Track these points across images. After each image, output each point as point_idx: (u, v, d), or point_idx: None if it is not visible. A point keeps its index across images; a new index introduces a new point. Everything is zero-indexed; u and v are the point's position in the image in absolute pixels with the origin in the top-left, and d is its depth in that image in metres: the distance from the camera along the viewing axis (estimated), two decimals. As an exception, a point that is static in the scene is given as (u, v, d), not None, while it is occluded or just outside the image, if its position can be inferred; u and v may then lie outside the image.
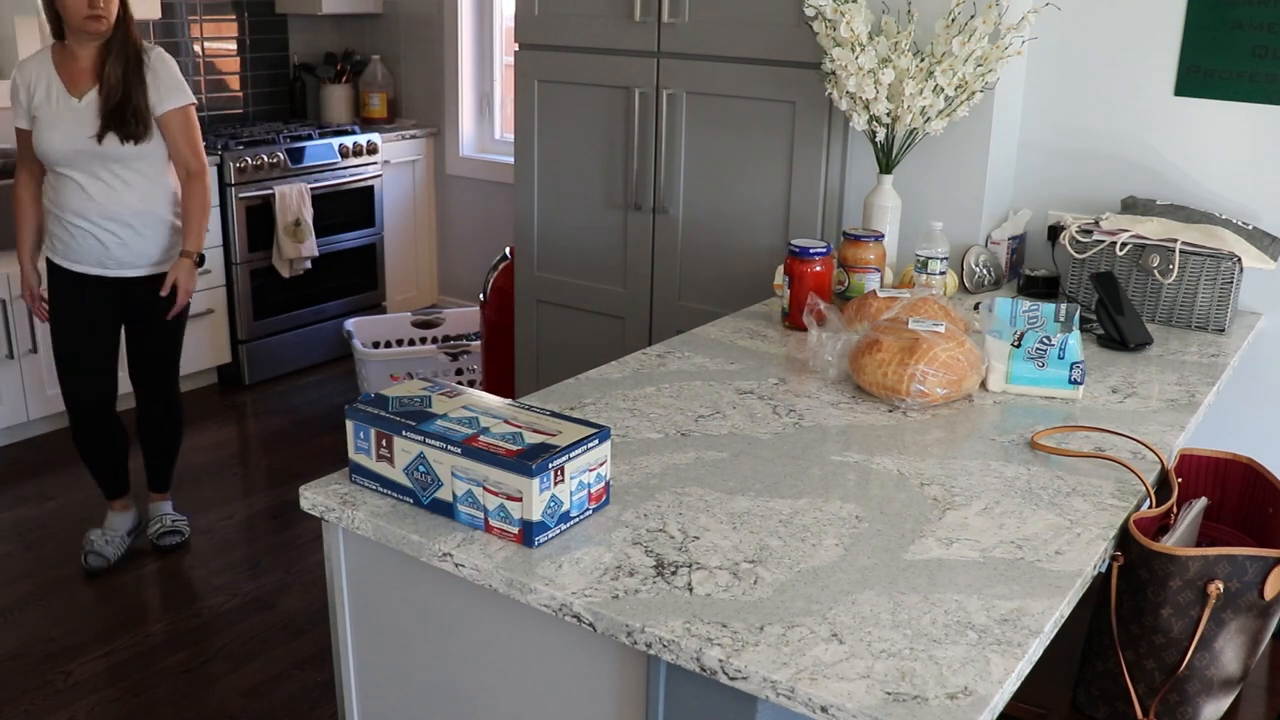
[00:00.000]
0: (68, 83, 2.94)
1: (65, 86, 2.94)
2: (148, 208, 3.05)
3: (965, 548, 1.46)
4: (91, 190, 2.98)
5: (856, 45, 2.55)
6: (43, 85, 2.94)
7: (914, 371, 1.92)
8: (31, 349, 4.01)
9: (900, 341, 1.96)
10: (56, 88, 2.94)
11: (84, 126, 2.93)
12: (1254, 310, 2.65)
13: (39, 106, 2.94)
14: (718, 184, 3.08)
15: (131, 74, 2.94)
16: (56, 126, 2.93)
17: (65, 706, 2.67)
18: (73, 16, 2.85)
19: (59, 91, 2.94)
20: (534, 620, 1.38)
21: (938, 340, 1.95)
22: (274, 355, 4.87)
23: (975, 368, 1.99)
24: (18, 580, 3.23)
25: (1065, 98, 2.83)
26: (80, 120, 2.93)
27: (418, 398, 1.57)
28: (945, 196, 2.81)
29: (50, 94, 2.94)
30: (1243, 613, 1.62)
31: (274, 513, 3.68)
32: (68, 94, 2.94)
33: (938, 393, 1.94)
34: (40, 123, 2.94)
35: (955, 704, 1.14)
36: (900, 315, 2.06)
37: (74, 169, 2.96)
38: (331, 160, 4.85)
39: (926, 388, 1.93)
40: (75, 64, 2.95)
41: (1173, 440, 1.87)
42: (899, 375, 1.93)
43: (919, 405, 1.95)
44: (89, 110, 2.93)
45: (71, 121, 2.93)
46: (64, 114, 2.93)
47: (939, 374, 1.93)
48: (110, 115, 2.92)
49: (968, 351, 1.98)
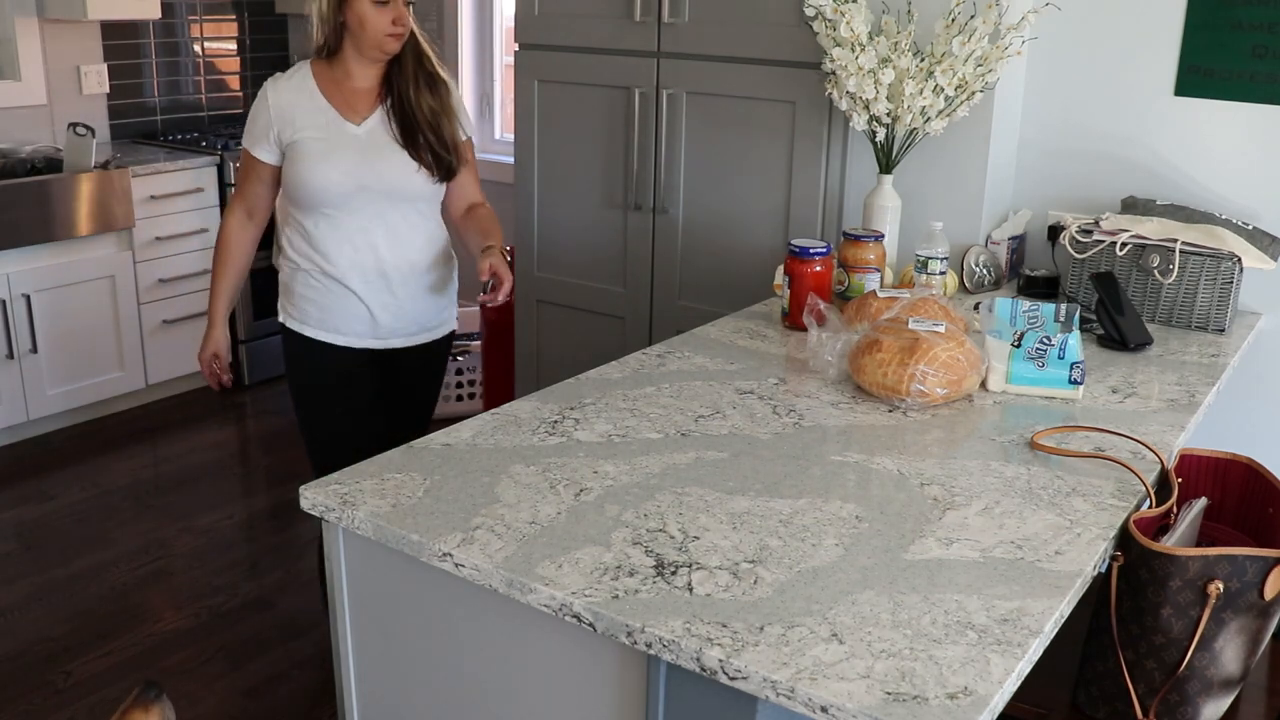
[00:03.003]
0: (342, 107, 2.37)
1: (339, 111, 2.37)
2: (431, 259, 2.49)
3: (965, 548, 1.46)
4: (373, 238, 2.40)
5: (856, 45, 2.55)
6: (305, 110, 2.36)
7: (914, 371, 1.92)
8: (32, 349, 4.01)
9: (900, 341, 1.96)
10: (327, 113, 2.36)
11: (370, 158, 2.36)
12: (1254, 310, 2.64)
13: (302, 136, 2.35)
14: (718, 184, 3.07)
15: (434, 96, 2.43)
16: (333, 160, 2.33)
17: (65, 706, 2.67)
18: (372, 33, 2.30)
19: (331, 117, 2.36)
20: (534, 620, 1.38)
21: (938, 340, 1.95)
22: (274, 355, 4.86)
23: (975, 368, 1.99)
24: (18, 580, 3.23)
25: (1065, 98, 2.83)
26: (365, 151, 2.36)
27: None
28: (945, 196, 2.81)
29: (318, 120, 2.36)
30: (1243, 613, 1.62)
31: (274, 513, 3.68)
32: (343, 120, 2.36)
33: (938, 393, 1.94)
34: (306, 155, 2.34)
35: (955, 704, 1.14)
36: (900, 315, 2.06)
37: (348, 211, 2.38)
38: (331, 160, 4.84)
39: (926, 388, 1.93)
40: (349, 84, 2.38)
41: (1173, 440, 1.87)
42: (899, 375, 1.93)
43: (919, 405, 1.95)
44: (374, 139, 2.37)
45: (354, 153, 2.35)
46: (342, 144, 2.35)
47: (939, 374, 1.93)
48: (416, 144, 2.38)
49: (968, 351, 1.98)
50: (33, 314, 3.99)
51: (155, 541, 3.45)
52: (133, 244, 4.24)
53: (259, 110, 2.40)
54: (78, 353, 4.16)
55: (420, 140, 2.38)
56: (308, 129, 2.36)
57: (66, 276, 4.07)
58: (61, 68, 4.45)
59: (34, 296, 3.98)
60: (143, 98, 4.80)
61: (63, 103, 4.47)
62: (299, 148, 2.36)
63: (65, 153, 4.09)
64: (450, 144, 2.43)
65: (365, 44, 2.32)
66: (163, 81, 4.87)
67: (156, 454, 4.13)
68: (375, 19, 2.29)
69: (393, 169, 2.38)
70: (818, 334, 2.10)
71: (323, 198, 2.37)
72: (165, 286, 4.38)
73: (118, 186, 4.10)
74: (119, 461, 4.03)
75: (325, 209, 2.39)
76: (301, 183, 2.36)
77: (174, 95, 4.93)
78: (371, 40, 2.31)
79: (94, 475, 3.90)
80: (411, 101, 2.39)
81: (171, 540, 3.46)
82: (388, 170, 2.38)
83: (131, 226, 4.20)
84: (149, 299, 4.34)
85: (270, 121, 2.38)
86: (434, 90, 2.43)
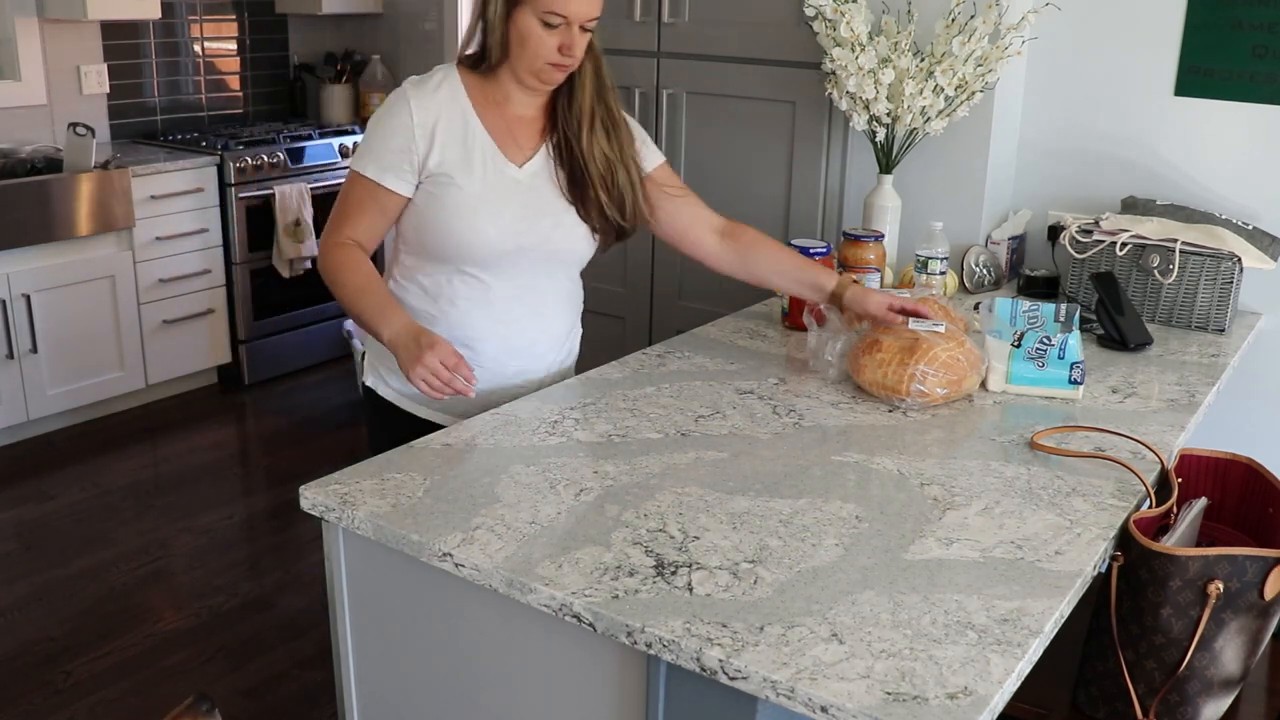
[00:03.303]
0: (501, 138, 1.91)
1: (497, 143, 1.90)
2: (567, 329, 2.09)
3: (965, 548, 1.46)
4: (521, 309, 1.97)
5: (856, 45, 2.55)
6: (456, 134, 1.88)
7: (914, 371, 1.92)
8: (32, 349, 4.01)
9: (900, 341, 1.96)
10: (484, 146, 1.89)
11: (534, 212, 1.92)
12: (1254, 310, 2.64)
13: (450, 170, 1.87)
14: (718, 184, 3.07)
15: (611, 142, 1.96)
16: (491, 209, 1.89)
17: (65, 706, 2.67)
18: (531, 57, 1.84)
19: (488, 150, 1.90)
20: (534, 620, 1.38)
21: (938, 340, 1.95)
22: (274, 355, 4.87)
23: (975, 368, 1.99)
24: (18, 580, 3.23)
25: (1065, 98, 2.83)
26: (528, 203, 1.92)
27: None
28: (945, 196, 2.81)
29: (472, 152, 1.88)
30: (1243, 613, 1.62)
31: (274, 513, 3.68)
32: (503, 156, 1.91)
33: (938, 393, 1.94)
34: (455, 198, 1.87)
35: (955, 704, 1.14)
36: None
37: (496, 274, 1.93)
38: (331, 160, 4.84)
39: (926, 388, 1.93)
40: (508, 110, 1.92)
41: (1173, 440, 1.87)
42: (899, 375, 1.93)
43: (919, 405, 1.95)
44: (536, 186, 1.93)
45: (516, 203, 1.91)
46: (501, 189, 1.90)
47: (939, 374, 1.93)
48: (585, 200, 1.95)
49: (968, 351, 1.98)
50: (33, 314, 3.99)
51: (155, 541, 3.45)
52: (133, 244, 4.24)
53: (395, 126, 1.87)
54: (78, 353, 4.16)
55: (590, 196, 1.93)
56: (458, 161, 1.87)
57: (66, 276, 4.07)
58: (61, 68, 4.45)
59: (34, 296, 3.98)
60: (143, 98, 4.80)
61: (63, 103, 4.47)
62: (445, 186, 1.87)
63: (65, 153, 4.09)
64: (624, 204, 1.97)
65: (520, 67, 1.86)
66: (163, 81, 4.87)
67: (156, 454, 4.13)
68: (539, 40, 1.82)
69: (561, 230, 1.95)
70: (818, 334, 2.10)
71: (468, 254, 1.90)
72: (165, 286, 4.38)
73: (118, 186, 4.10)
74: (119, 461, 4.03)
75: (467, 267, 1.92)
76: (445, 232, 1.88)
77: (174, 95, 4.93)
78: (528, 64, 1.85)
79: (94, 475, 3.90)
80: (583, 150, 1.92)
81: (171, 540, 3.46)
82: (555, 231, 1.94)
83: (131, 226, 4.20)
84: (149, 299, 4.34)
85: (412, 142, 1.86)
86: (611, 135, 1.96)
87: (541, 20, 1.80)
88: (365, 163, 1.88)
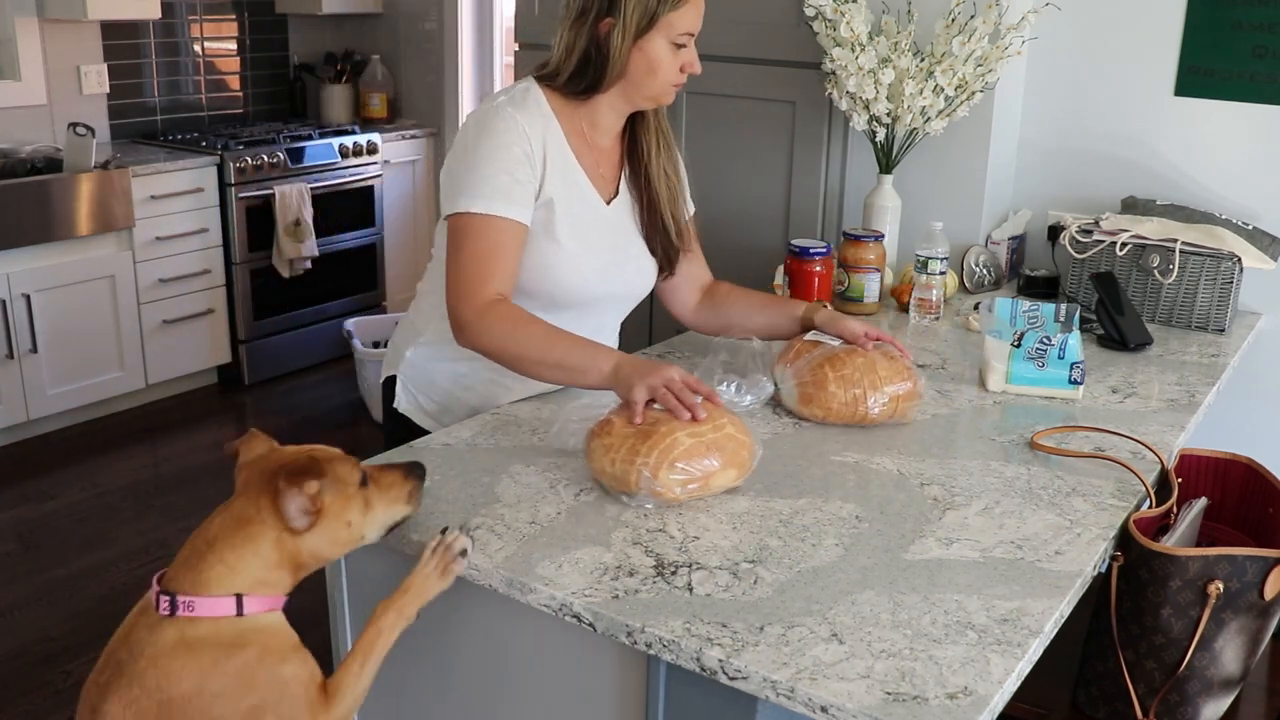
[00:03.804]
0: (591, 171, 1.81)
1: (589, 177, 1.80)
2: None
3: (965, 548, 1.46)
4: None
5: (856, 45, 2.55)
6: (559, 168, 1.76)
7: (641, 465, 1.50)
8: (32, 349, 4.01)
9: (632, 427, 1.53)
10: (580, 182, 1.79)
11: (621, 253, 1.86)
12: (1254, 310, 2.64)
13: (555, 206, 1.75)
14: (718, 184, 3.07)
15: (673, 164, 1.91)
16: (590, 250, 1.79)
17: (65, 706, 2.67)
18: (660, 84, 1.76)
19: (584, 188, 1.79)
20: (534, 620, 1.38)
21: (677, 427, 1.52)
22: (274, 355, 4.87)
23: (738, 462, 1.55)
24: (18, 580, 3.23)
25: (1065, 98, 2.83)
26: (616, 242, 1.84)
27: None
28: (945, 196, 2.81)
29: (570, 185, 1.77)
30: (1243, 613, 1.62)
31: (274, 513, 3.68)
32: (596, 194, 1.81)
33: (675, 492, 1.51)
34: (556, 234, 1.76)
35: (955, 704, 1.14)
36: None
37: (575, 316, 1.82)
38: (331, 160, 4.84)
39: (661, 485, 1.49)
40: (593, 140, 1.82)
41: (1173, 440, 1.87)
42: (627, 467, 1.50)
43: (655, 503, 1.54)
44: (621, 223, 1.85)
45: (608, 243, 1.83)
46: (597, 230, 1.81)
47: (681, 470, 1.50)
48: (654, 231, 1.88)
49: (724, 439, 1.54)
50: (33, 314, 3.99)
51: (155, 541, 3.45)
52: (133, 244, 4.24)
53: (517, 155, 1.70)
54: (78, 353, 4.16)
55: (659, 224, 1.86)
56: (560, 194, 1.75)
57: (66, 276, 4.07)
58: (61, 68, 4.45)
59: (34, 296, 3.98)
60: (143, 98, 4.81)
61: (63, 103, 4.47)
62: (548, 220, 1.74)
63: (65, 153, 4.09)
64: (680, 231, 1.91)
65: (642, 92, 1.76)
66: (163, 81, 4.87)
67: (156, 454, 4.13)
68: (669, 64, 1.74)
69: (641, 274, 1.87)
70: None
71: (558, 297, 1.79)
72: (165, 286, 4.38)
73: (118, 186, 4.10)
74: (119, 461, 4.03)
75: (543, 308, 1.77)
76: (541, 271, 1.75)
77: (174, 95, 4.93)
78: (653, 89, 1.76)
79: (94, 475, 3.90)
80: (657, 174, 1.85)
81: (171, 540, 3.46)
82: (637, 276, 1.86)
83: (131, 226, 4.20)
84: (149, 299, 4.34)
85: (532, 169, 1.71)
86: (671, 154, 1.90)
87: (673, 43, 1.74)
88: (492, 202, 1.68)
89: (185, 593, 1.23)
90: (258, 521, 1.27)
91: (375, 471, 1.38)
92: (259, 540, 1.27)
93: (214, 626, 1.23)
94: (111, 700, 1.21)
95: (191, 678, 1.20)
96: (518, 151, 1.70)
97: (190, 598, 1.23)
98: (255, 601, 1.26)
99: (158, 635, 1.23)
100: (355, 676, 1.29)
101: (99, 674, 1.25)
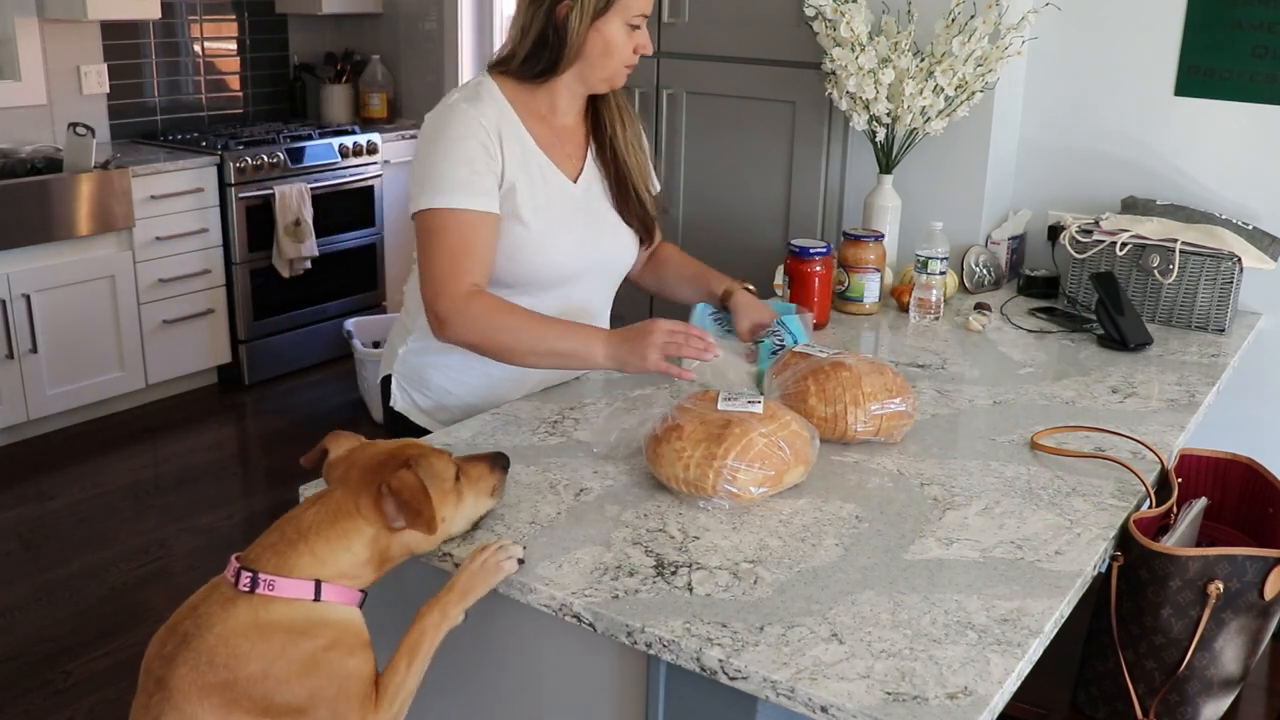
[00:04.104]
0: (553, 152, 1.84)
1: (551, 159, 1.84)
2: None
3: (965, 548, 1.46)
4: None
5: (856, 45, 2.55)
6: (513, 151, 1.79)
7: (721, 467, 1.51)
8: (32, 349, 4.01)
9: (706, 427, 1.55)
10: (541, 163, 1.82)
11: (596, 228, 1.88)
12: (1254, 310, 2.64)
13: (517, 191, 1.78)
14: (718, 184, 3.08)
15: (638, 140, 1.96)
16: (560, 229, 1.83)
17: (65, 706, 2.67)
18: (613, 65, 1.80)
19: (545, 168, 1.83)
20: (534, 620, 1.38)
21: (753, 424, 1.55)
22: (274, 355, 4.87)
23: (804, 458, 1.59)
24: (18, 580, 3.23)
25: (1065, 98, 2.83)
26: (589, 218, 1.88)
27: None
28: (945, 196, 2.81)
29: (530, 170, 1.81)
30: (1243, 613, 1.62)
31: (274, 513, 3.66)
32: (559, 173, 1.85)
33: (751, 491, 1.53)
34: (523, 219, 1.79)
35: (955, 704, 1.14)
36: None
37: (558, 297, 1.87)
38: (331, 160, 4.84)
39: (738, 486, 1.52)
40: (554, 122, 1.86)
41: (1173, 440, 1.87)
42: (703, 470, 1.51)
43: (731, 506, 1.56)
44: (591, 200, 1.89)
45: (580, 220, 1.86)
46: (564, 208, 1.84)
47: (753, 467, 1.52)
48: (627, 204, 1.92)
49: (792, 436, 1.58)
50: (33, 314, 3.99)
51: (155, 541, 3.45)
52: (133, 244, 4.24)
53: (474, 147, 1.73)
54: (78, 353, 4.16)
55: (632, 196, 1.90)
56: (521, 180, 1.78)
57: (66, 276, 4.07)
58: (61, 68, 4.45)
59: (34, 296, 3.98)
60: (143, 98, 4.81)
61: (63, 103, 4.47)
62: (513, 206, 1.77)
63: (65, 153, 4.09)
64: (654, 203, 1.97)
65: (597, 73, 1.81)
66: (163, 81, 4.87)
67: (156, 454, 4.13)
68: (624, 45, 1.78)
69: (618, 246, 1.90)
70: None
71: (533, 278, 1.82)
72: (165, 286, 4.38)
73: (118, 186, 4.10)
74: (119, 461, 4.03)
75: (523, 292, 1.82)
76: (512, 256, 1.79)
77: (174, 95, 4.93)
78: (606, 70, 1.80)
79: (94, 475, 3.90)
80: (623, 148, 1.89)
81: (171, 540, 3.46)
82: (614, 247, 1.90)
83: (131, 226, 4.20)
84: (149, 299, 4.34)
85: (491, 160, 1.75)
86: (635, 129, 1.95)
87: (628, 24, 1.77)
88: (455, 195, 1.71)
89: (268, 573, 1.25)
90: (358, 518, 1.30)
91: (464, 464, 1.41)
92: (353, 537, 1.30)
93: (288, 611, 1.25)
94: (178, 672, 1.23)
95: (259, 661, 1.22)
96: (474, 144, 1.74)
97: (272, 577, 1.25)
98: (333, 591, 1.28)
99: (230, 613, 1.25)
100: (403, 677, 1.29)
101: (161, 645, 1.27)
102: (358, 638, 1.29)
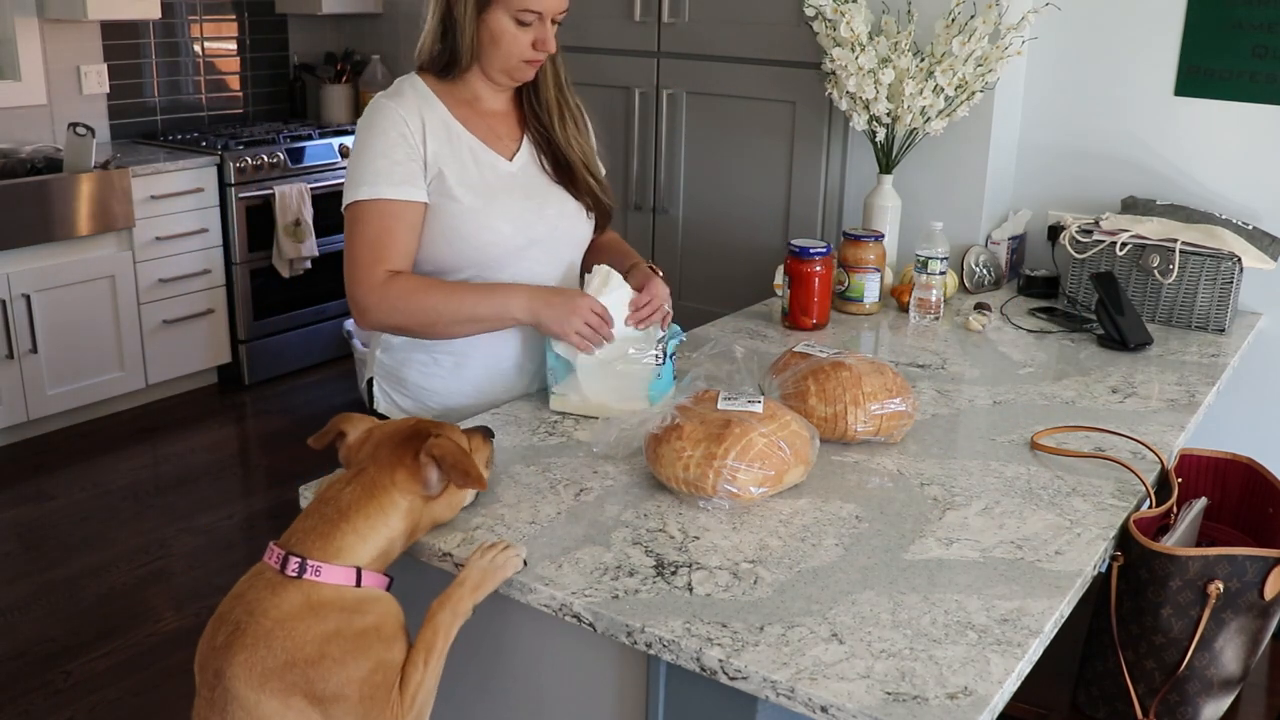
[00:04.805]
0: (485, 136, 1.88)
1: (483, 141, 1.88)
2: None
3: (965, 548, 1.46)
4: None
5: (856, 45, 2.55)
6: (440, 138, 1.83)
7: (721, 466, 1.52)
8: (32, 349, 4.01)
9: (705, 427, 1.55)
10: (471, 145, 1.86)
11: (537, 203, 1.90)
12: (1254, 310, 2.64)
13: (447, 176, 1.81)
14: (718, 184, 3.08)
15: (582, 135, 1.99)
16: (496, 206, 1.85)
17: (65, 706, 2.67)
18: (504, 55, 1.82)
19: (476, 150, 1.86)
20: (534, 620, 1.38)
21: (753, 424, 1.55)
22: (274, 355, 4.87)
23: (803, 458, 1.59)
24: (18, 580, 3.23)
25: (1065, 98, 2.83)
26: (528, 194, 1.90)
27: None
28: (945, 196, 2.81)
29: (460, 154, 1.84)
30: (1243, 613, 1.62)
31: (274, 513, 3.68)
32: (492, 153, 1.88)
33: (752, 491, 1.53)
34: (457, 201, 1.82)
35: (955, 704, 1.14)
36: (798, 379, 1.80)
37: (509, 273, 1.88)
38: (331, 160, 4.84)
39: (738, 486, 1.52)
40: (481, 108, 1.90)
41: (1173, 440, 1.87)
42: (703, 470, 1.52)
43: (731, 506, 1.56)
44: (529, 177, 1.91)
45: (518, 197, 1.88)
46: (499, 186, 1.87)
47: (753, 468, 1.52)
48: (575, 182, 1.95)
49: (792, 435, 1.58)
50: (33, 314, 3.99)
51: (155, 541, 3.45)
52: (133, 244, 4.24)
53: (391, 137, 1.79)
54: (78, 353, 4.16)
55: (580, 179, 1.95)
56: (451, 165, 1.82)
57: (66, 276, 4.07)
58: (61, 68, 4.45)
59: (34, 296, 3.98)
60: (143, 98, 4.81)
61: (63, 103, 4.47)
62: (445, 191, 1.81)
63: (65, 153, 4.09)
64: (605, 189, 2.00)
65: (493, 65, 1.84)
66: (163, 81, 4.87)
67: (156, 454, 4.13)
68: (513, 39, 1.80)
69: (565, 217, 1.94)
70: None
71: (481, 257, 1.85)
72: (165, 286, 4.38)
73: (118, 186, 4.10)
74: (119, 461, 4.03)
75: (478, 271, 1.86)
76: (455, 237, 1.82)
77: (174, 95, 4.93)
78: (501, 63, 1.83)
79: (94, 475, 3.90)
80: (561, 141, 1.94)
81: (171, 540, 3.46)
82: (560, 219, 1.93)
83: (131, 226, 4.20)
84: (149, 299, 4.34)
85: (411, 149, 1.79)
86: (581, 127, 1.99)
87: (515, 19, 1.79)
88: (374, 187, 1.77)
89: (315, 559, 1.28)
90: (394, 491, 1.35)
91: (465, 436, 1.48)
92: (390, 511, 1.34)
93: (337, 591, 1.28)
94: (236, 660, 1.23)
95: (315, 642, 1.24)
96: (394, 135, 1.79)
97: (319, 563, 1.28)
98: (369, 577, 1.32)
99: (282, 597, 1.26)
100: (422, 675, 1.30)
101: (213, 637, 1.27)
102: (397, 620, 1.32)
